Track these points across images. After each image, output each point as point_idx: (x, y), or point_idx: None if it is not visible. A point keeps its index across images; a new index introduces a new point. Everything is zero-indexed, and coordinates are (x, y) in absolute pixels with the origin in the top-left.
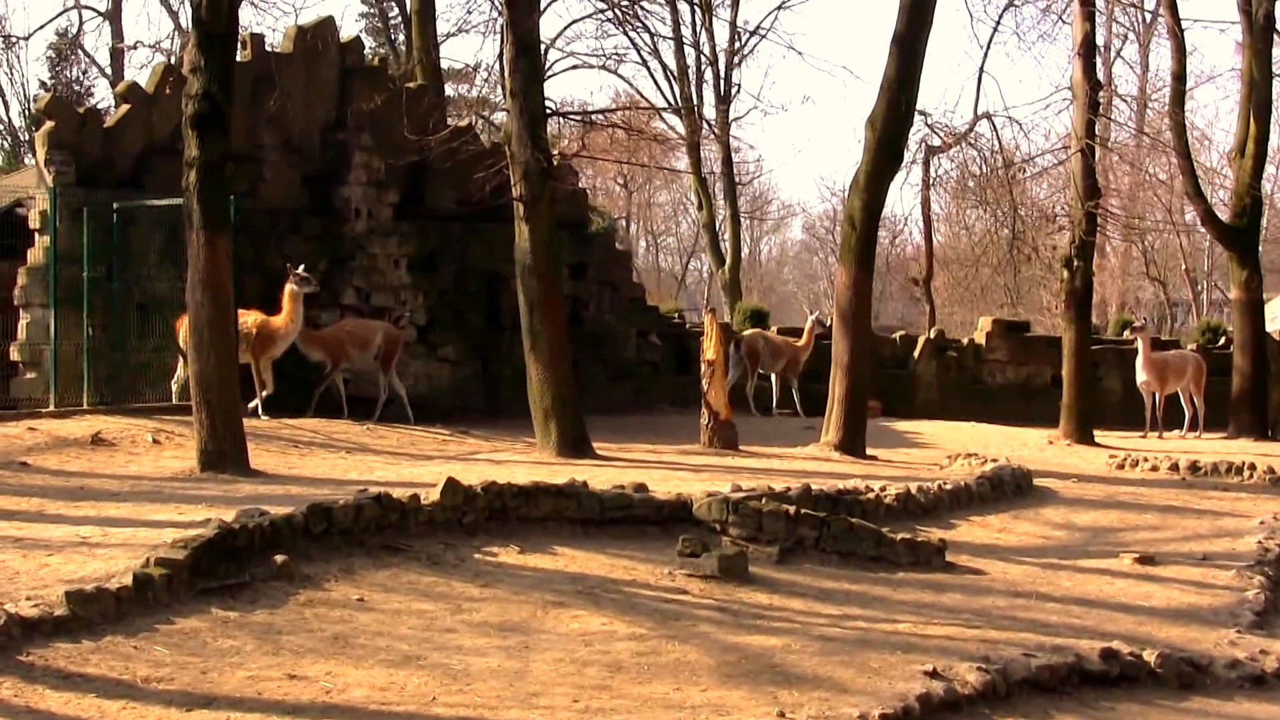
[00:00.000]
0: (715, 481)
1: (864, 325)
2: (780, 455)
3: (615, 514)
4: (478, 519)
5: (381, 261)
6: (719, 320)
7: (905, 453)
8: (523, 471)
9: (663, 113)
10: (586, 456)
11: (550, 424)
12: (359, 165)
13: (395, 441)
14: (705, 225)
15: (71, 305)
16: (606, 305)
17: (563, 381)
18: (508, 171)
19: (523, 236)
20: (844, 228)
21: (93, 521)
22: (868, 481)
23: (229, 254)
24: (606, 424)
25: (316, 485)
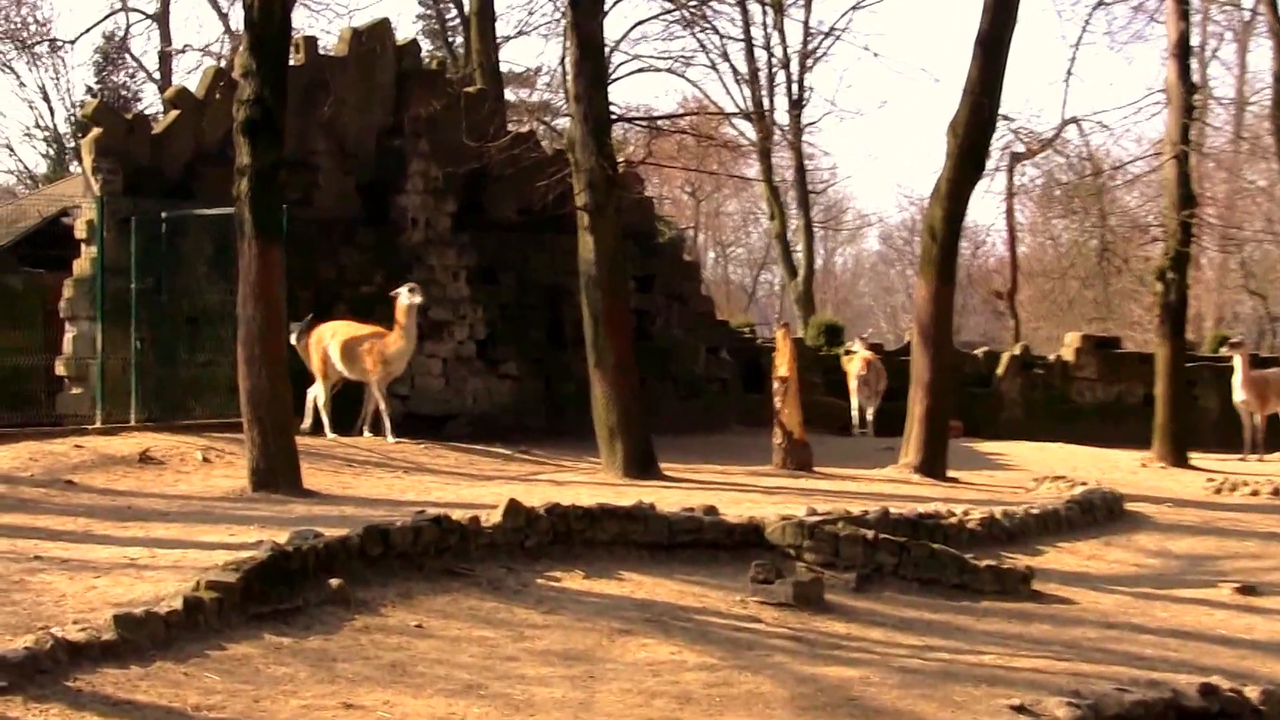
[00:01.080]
0: (789, 504)
1: (945, 341)
2: (857, 477)
3: (684, 538)
4: (540, 542)
5: (440, 273)
6: (791, 335)
7: (988, 475)
8: (587, 493)
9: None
10: (653, 477)
11: (615, 443)
12: (416, 173)
13: (454, 461)
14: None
15: (119, 318)
16: (674, 319)
17: (628, 399)
18: (570, 180)
19: (586, 247)
20: (923, 238)
21: (141, 542)
22: (949, 505)
23: (282, 265)
24: (674, 443)
25: (372, 506)
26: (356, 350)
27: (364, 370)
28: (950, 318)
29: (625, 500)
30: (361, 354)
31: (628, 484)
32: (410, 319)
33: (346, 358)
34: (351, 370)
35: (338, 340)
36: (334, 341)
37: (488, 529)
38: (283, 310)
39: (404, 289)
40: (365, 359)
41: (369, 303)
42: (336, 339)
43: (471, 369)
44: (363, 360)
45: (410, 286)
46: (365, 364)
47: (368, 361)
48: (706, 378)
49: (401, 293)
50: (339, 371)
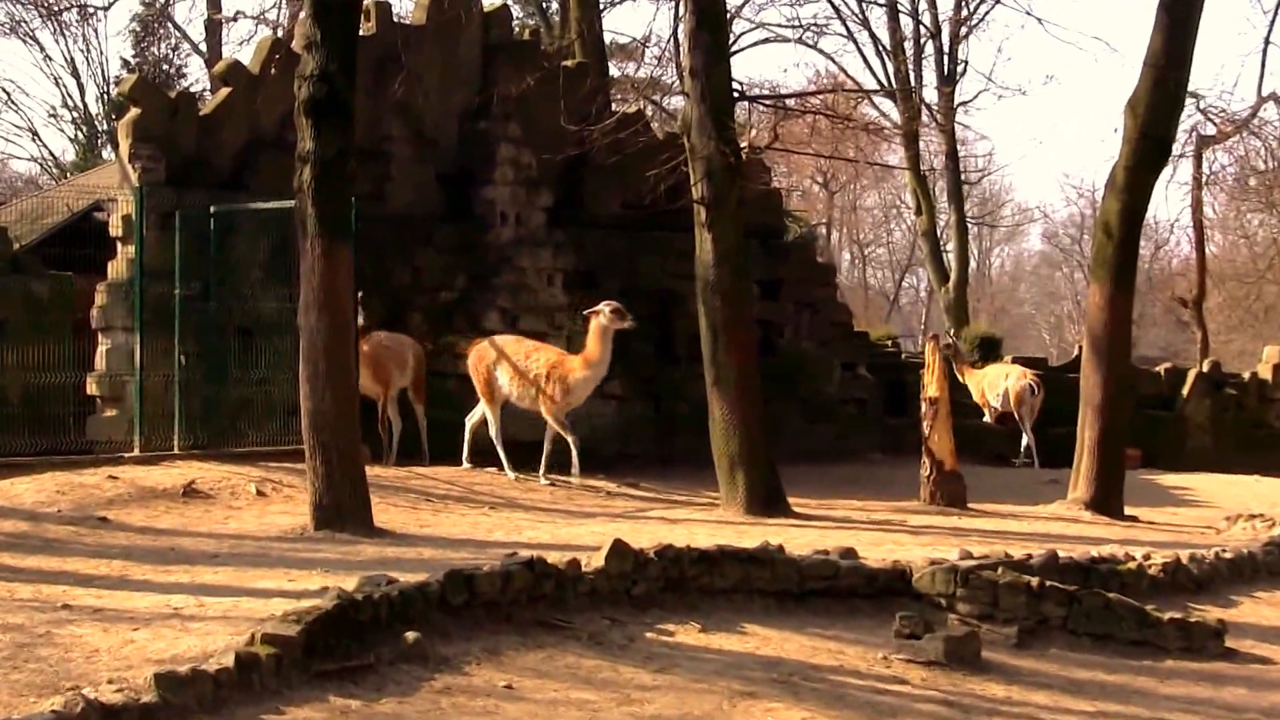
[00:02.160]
0: (939, 546)
1: (1121, 355)
2: (1018, 515)
3: (817, 585)
4: (650, 590)
5: (532, 277)
6: (943, 349)
7: (1172, 512)
8: (704, 532)
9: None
10: (781, 514)
11: (737, 475)
12: (505, 161)
13: (549, 496)
14: (924, 233)
15: (160, 328)
16: (804, 330)
17: (752, 423)
18: (685, 168)
19: (704, 247)
20: (1096, 236)
21: (186, 589)
22: (1126, 548)
23: (350, 268)
24: (804, 475)
25: (454, 547)
26: (533, 373)
27: (540, 398)
28: (1128, 328)
29: (748, 541)
30: (538, 378)
31: (751, 522)
32: (606, 343)
33: (519, 382)
34: (523, 397)
35: (509, 360)
36: (505, 362)
37: (588, 574)
38: (350, 319)
39: (605, 306)
40: (544, 385)
41: (447, 312)
42: (507, 359)
43: None
44: (540, 386)
45: (614, 307)
46: (544, 391)
47: (547, 388)
48: (841, 398)
49: (603, 311)
50: (505, 396)
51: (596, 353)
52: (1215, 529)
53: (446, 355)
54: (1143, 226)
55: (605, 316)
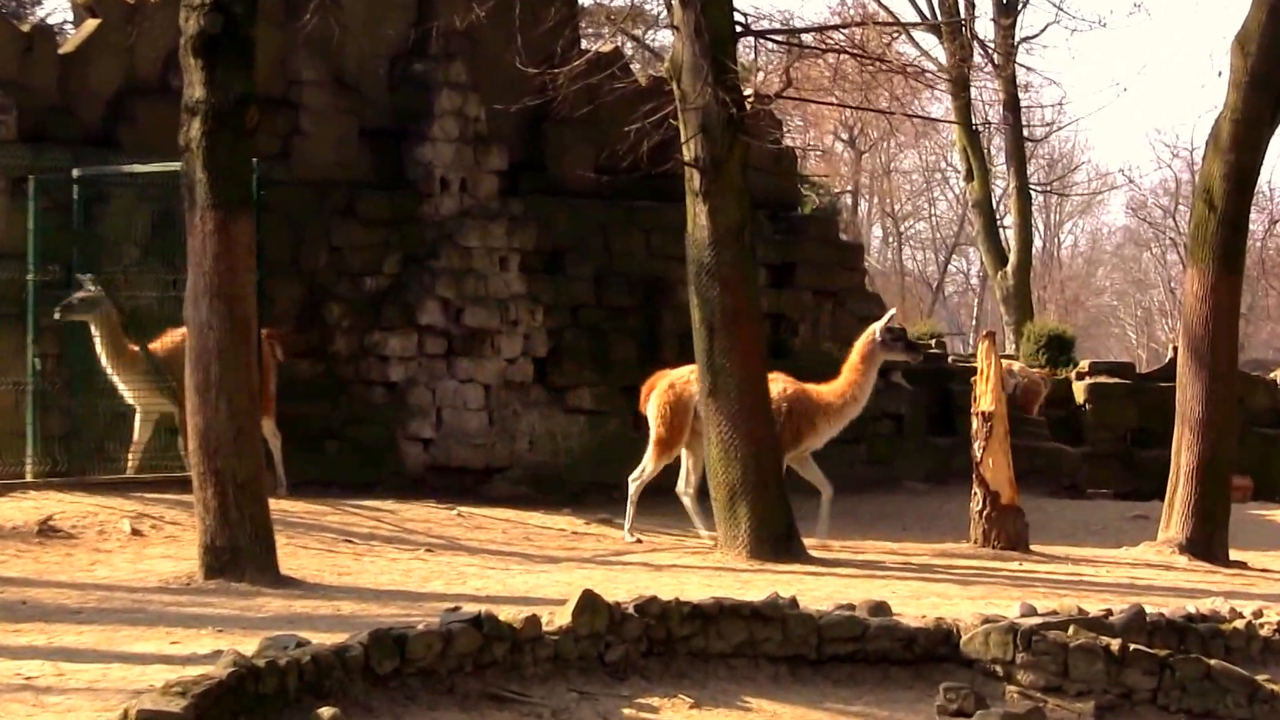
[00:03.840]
0: (994, 600)
1: (1228, 359)
2: (1094, 560)
3: (840, 648)
4: (629, 654)
5: (480, 259)
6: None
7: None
8: (697, 581)
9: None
10: (795, 559)
11: (739, 508)
12: (447, 112)
13: (501, 535)
14: (977, 204)
15: (9, 325)
16: (825, 327)
17: (759, 444)
18: (675, 122)
19: (698, 222)
20: (1195, 207)
21: (41, 653)
22: (1233, 602)
23: (251, 247)
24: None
25: (381, 600)
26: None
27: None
28: (1235, 325)
29: (753, 593)
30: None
31: (756, 568)
32: (870, 373)
33: None
34: None
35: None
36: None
37: (551, 635)
38: (252, 312)
39: (879, 324)
40: (784, 425)
41: (374, 303)
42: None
43: (527, 400)
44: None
45: (890, 325)
46: (781, 432)
47: (787, 430)
48: (873, 413)
49: (875, 329)
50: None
51: (857, 383)
52: None
53: (372, 358)
54: (1254, 194)
55: (878, 335)
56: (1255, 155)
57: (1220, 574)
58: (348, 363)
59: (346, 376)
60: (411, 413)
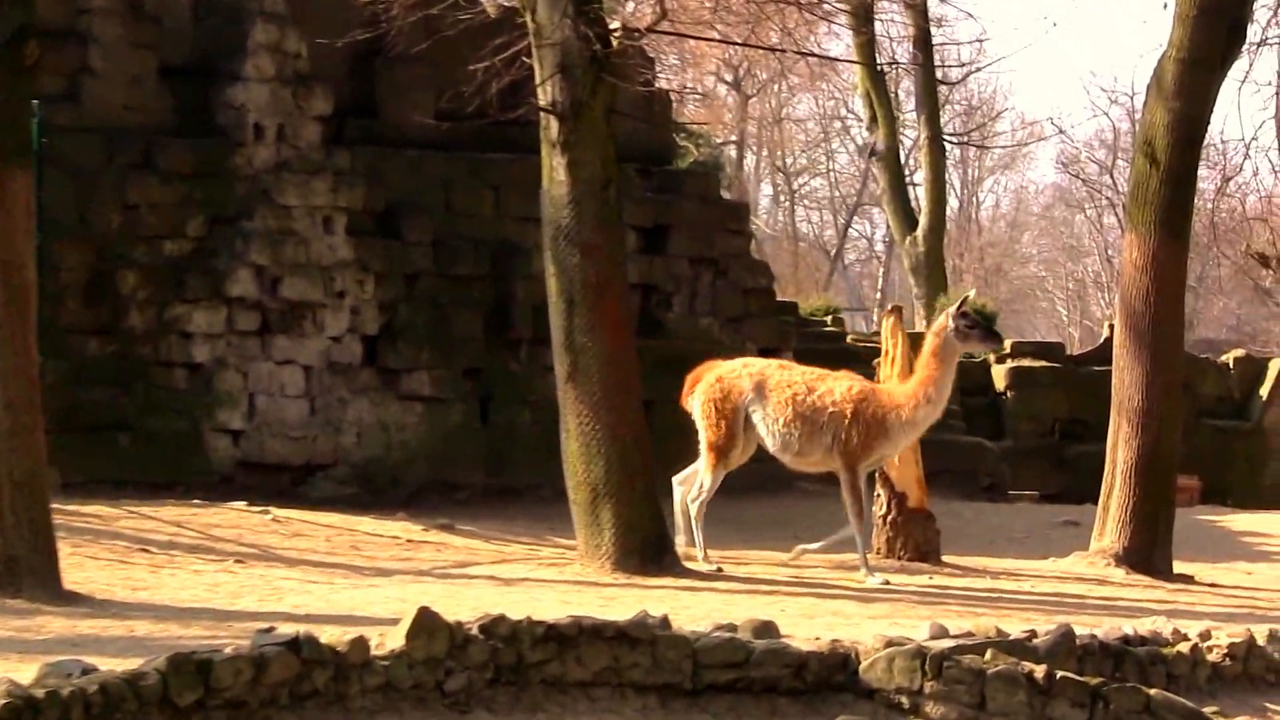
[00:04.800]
0: (899, 619)
1: (1172, 339)
2: (1016, 573)
3: (720, 676)
4: (472, 682)
5: (301, 220)
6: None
7: (1245, 570)
8: (553, 598)
9: None
10: (667, 571)
11: (602, 513)
12: (262, 47)
13: (324, 543)
14: (882, 158)
15: None
16: (704, 300)
17: (626, 437)
18: (529, 60)
19: (556, 177)
20: (1136, 162)
21: None
22: (1177, 622)
23: (31, 205)
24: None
25: (183, 620)
26: (829, 412)
27: (835, 448)
28: (1181, 300)
29: (618, 611)
30: (837, 419)
31: (623, 583)
32: (949, 368)
33: (801, 425)
34: (799, 447)
35: (783, 392)
36: (772, 395)
37: (382, 660)
38: (31, 280)
39: (949, 310)
40: (845, 428)
41: (176, 271)
42: (783, 390)
43: (355, 385)
44: (839, 431)
45: (964, 310)
46: (843, 437)
47: (850, 433)
48: None
49: (947, 316)
50: (752, 448)
51: (932, 383)
52: None
53: (173, 336)
54: (1203, 148)
55: (951, 323)
56: (1204, 102)
57: (1162, 589)
58: (144, 341)
59: (143, 358)
60: (219, 400)
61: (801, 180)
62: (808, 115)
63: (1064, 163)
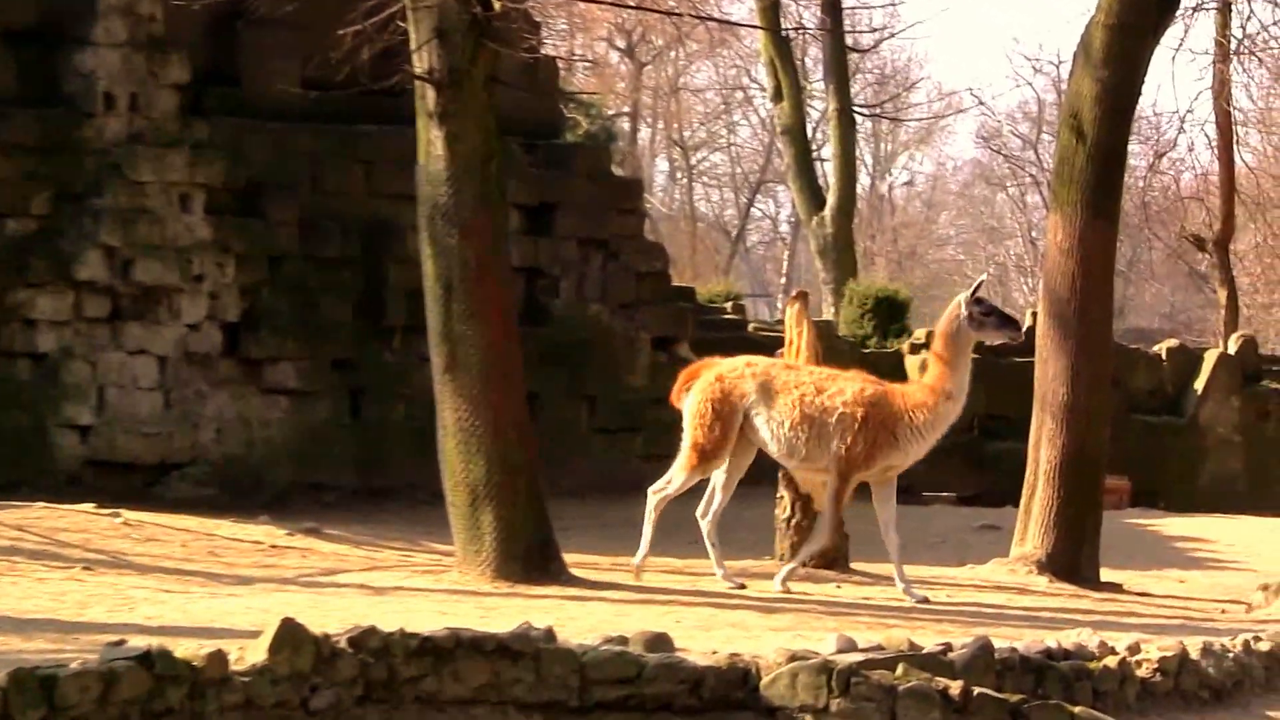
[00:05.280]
0: (804, 632)
1: (1099, 328)
2: (930, 581)
3: (609, 693)
4: (340, 700)
5: (156, 197)
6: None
7: (1178, 578)
8: (429, 608)
9: None
10: (553, 579)
11: (482, 516)
12: (113, 9)
13: (180, 548)
14: (787, 131)
15: None
16: (594, 285)
17: (508, 435)
18: (403, 24)
19: (433, 152)
20: (1061, 136)
21: None
22: (1104, 634)
23: None
24: (593, 517)
25: (25, 632)
26: (837, 414)
27: (841, 453)
28: (1110, 285)
29: (499, 622)
30: (846, 422)
31: (504, 591)
32: (964, 360)
33: (807, 429)
34: (803, 451)
35: (789, 395)
36: (777, 396)
37: (241, 675)
38: None
39: (967, 291)
40: (851, 433)
41: (18, 252)
42: (789, 390)
43: (214, 377)
44: (846, 434)
45: (978, 296)
46: (849, 442)
47: (856, 439)
48: (653, 395)
49: (962, 299)
50: (751, 453)
51: (946, 378)
52: (1246, 604)
53: (16, 323)
54: (1134, 121)
55: (964, 310)
56: (1134, 71)
57: (1089, 598)
58: None
59: None
60: (65, 393)
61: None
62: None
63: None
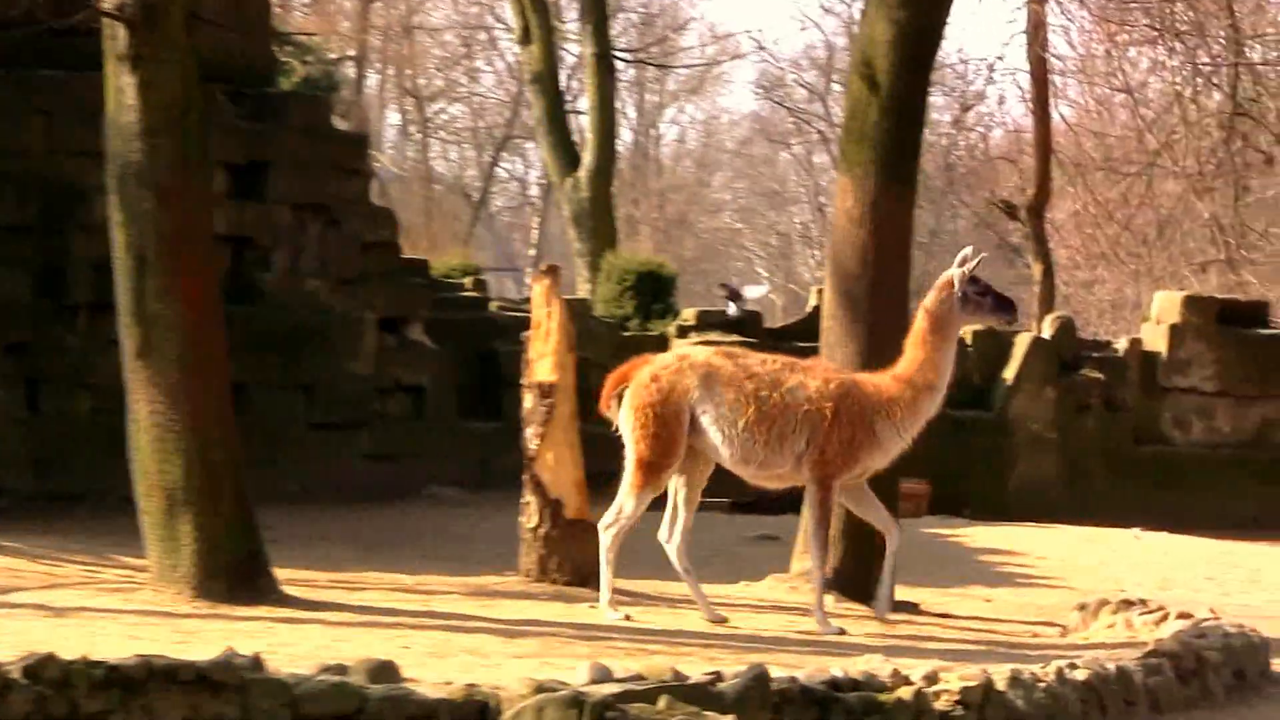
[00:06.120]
0: (552, 659)
1: (894, 308)
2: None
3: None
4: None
5: None
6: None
7: (984, 596)
8: (118, 632)
9: None
10: (262, 598)
11: (180, 525)
12: None
13: None
14: (535, 79)
15: None
16: (311, 258)
17: (211, 432)
18: None
19: (124, 101)
20: (852, 87)
21: None
22: (898, 661)
23: None
24: (310, 526)
25: None
26: (801, 411)
27: (807, 458)
28: (906, 259)
29: (199, 648)
30: (814, 419)
31: (206, 612)
32: (948, 343)
33: (765, 430)
34: (762, 457)
35: (739, 389)
36: (726, 391)
37: None
38: None
39: (961, 266)
40: (830, 436)
41: None
42: (737, 388)
43: None
44: (819, 438)
45: (977, 259)
46: (820, 443)
47: (830, 438)
48: (381, 384)
49: (954, 275)
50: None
51: (929, 364)
52: (1061, 626)
53: None
54: (935, 69)
55: (957, 287)
56: (935, 12)
57: (878, 623)
58: None
59: None
60: None
61: (437, 107)
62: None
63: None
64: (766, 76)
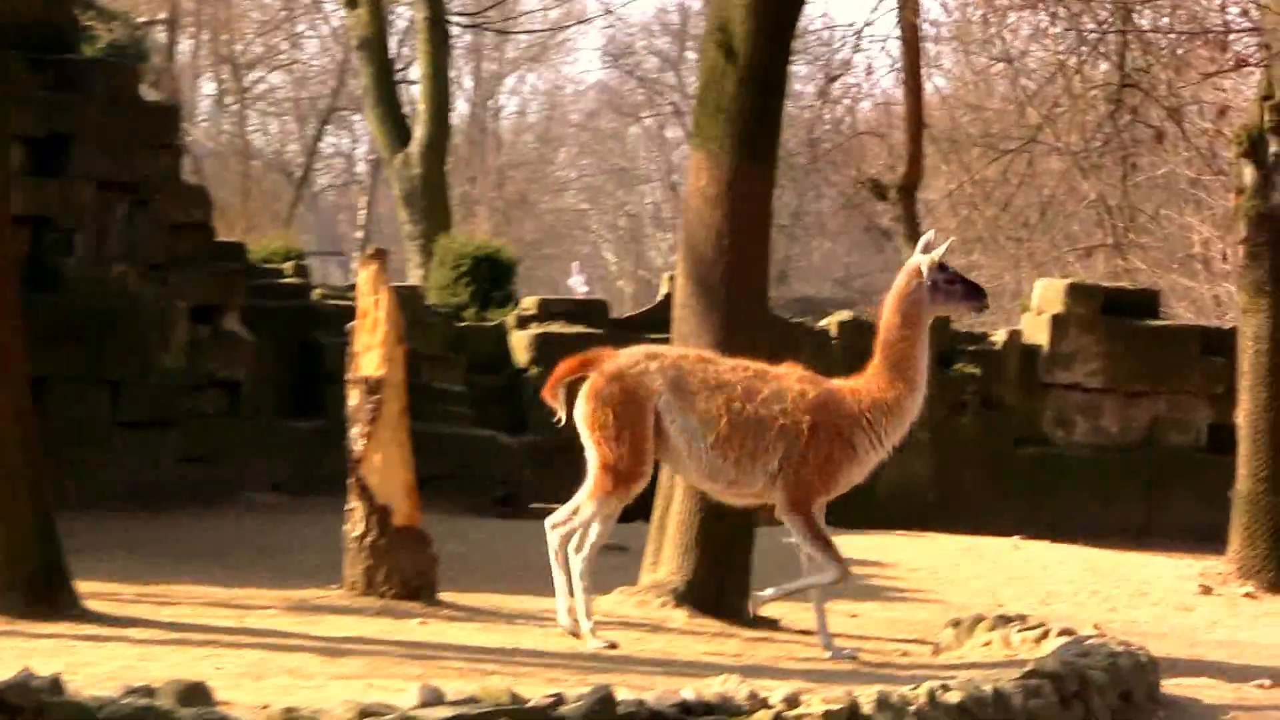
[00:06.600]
0: (379, 680)
1: (752, 295)
2: (539, 615)
3: None
4: None
5: None
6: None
7: (849, 612)
8: None
9: None
10: (61, 613)
11: None
12: None
13: None
14: (362, 45)
15: None
16: (118, 240)
17: (6, 431)
18: None
19: None
20: (706, 55)
21: None
22: (756, 682)
23: None
24: (114, 534)
25: None
26: (779, 423)
27: (784, 475)
28: (766, 242)
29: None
30: (791, 431)
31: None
32: (922, 327)
33: (740, 442)
34: (748, 476)
35: (711, 398)
36: (699, 401)
37: None
38: None
39: (929, 253)
40: (807, 453)
41: None
42: (709, 396)
43: None
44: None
45: (937, 261)
46: (798, 458)
47: (813, 459)
48: (193, 379)
49: (923, 262)
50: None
51: (905, 360)
52: (933, 644)
53: None
54: (797, 36)
55: (926, 275)
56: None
57: (738, 638)
58: None
59: None
60: None
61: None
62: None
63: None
64: (615, 43)
